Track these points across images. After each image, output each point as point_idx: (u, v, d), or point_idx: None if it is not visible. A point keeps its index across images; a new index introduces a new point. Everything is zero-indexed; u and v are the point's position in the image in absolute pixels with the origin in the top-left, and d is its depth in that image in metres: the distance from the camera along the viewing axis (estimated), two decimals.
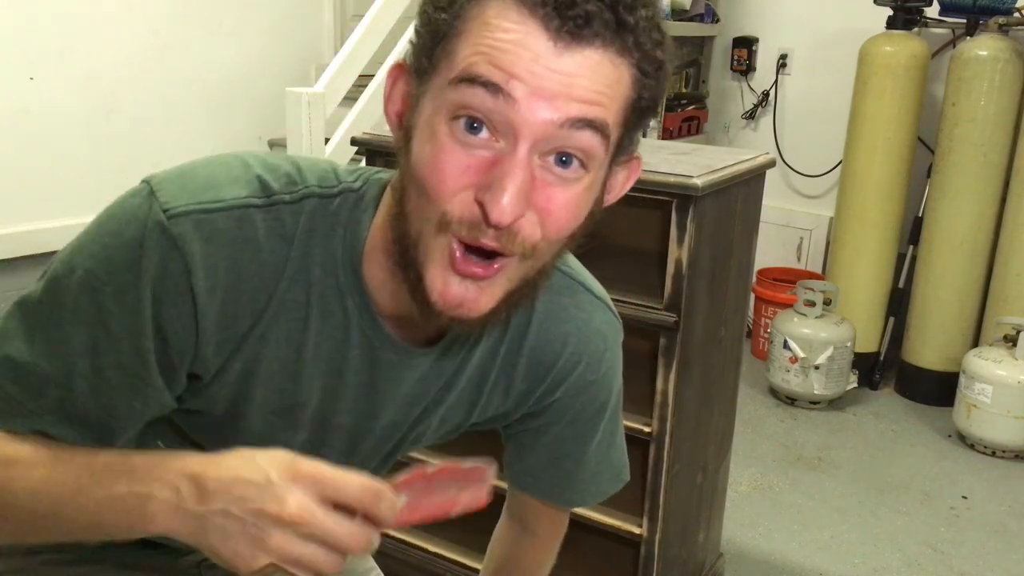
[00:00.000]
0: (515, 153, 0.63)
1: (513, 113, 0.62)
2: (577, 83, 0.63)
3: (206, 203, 0.69)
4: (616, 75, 0.65)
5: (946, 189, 3.01)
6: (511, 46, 0.62)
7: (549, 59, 0.62)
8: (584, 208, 0.69)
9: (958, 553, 2.30)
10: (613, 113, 0.65)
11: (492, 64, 0.62)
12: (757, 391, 3.22)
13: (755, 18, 3.64)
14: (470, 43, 0.63)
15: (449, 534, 1.96)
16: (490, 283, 0.68)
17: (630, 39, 0.64)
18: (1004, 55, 2.86)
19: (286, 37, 3.31)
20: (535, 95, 0.62)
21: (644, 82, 0.67)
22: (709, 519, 1.95)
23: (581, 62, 0.63)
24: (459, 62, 0.64)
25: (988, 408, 2.75)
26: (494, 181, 0.63)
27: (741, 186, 1.69)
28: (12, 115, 2.60)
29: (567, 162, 0.65)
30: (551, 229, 0.66)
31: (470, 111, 0.63)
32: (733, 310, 1.81)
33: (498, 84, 0.62)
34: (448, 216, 0.65)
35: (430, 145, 0.65)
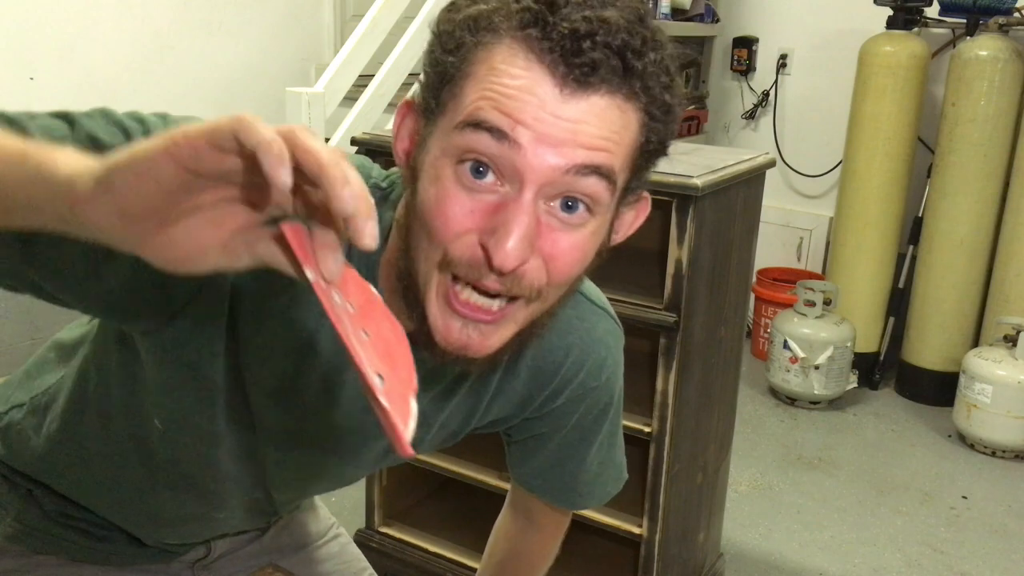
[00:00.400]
0: (520, 198, 0.63)
1: (519, 159, 0.62)
2: (583, 130, 0.62)
3: None
4: (623, 121, 0.64)
5: (946, 189, 3.01)
6: (517, 92, 0.61)
7: (555, 106, 0.61)
8: (590, 252, 0.68)
9: (958, 553, 2.30)
10: (620, 158, 0.65)
11: (498, 110, 0.62)
12: (757, 391, 3.22)
13: (755, 18, 3.64)
14: (477, 87, 0.63)
15: (449, 534, 1.96)
16: (495, 327, 0.67)
17: (637, 84, 0.63)
18: (1004, 55, 2.86)
19: (286, 37, 3.31)
20: (541, 142, 0.61)
21: (652, 126, 0.66)
22: (709, 519, 1.95)
23: (587, 109, 0.62)
24: (466, 106, 0.63)
25: (988, 408, 2.75)
26: (499, 226, 0.62)
27: (741, 186, 1.69)
28: None
29: (573, 207, 0.65)
30: (556, 274, 0.66)
31: (476, 156, 0.63)
32: (733, 310, 1.81)
33: (504, 130, 0.61)
34: (449, 256, 0.65)
35: (435, 188, 0.64)
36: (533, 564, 1.11)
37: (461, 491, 1.90)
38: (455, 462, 1.85)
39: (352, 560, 1.16)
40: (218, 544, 1.04)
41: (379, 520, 1.98)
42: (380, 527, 1.98)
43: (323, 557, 1.13)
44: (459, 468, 1.84)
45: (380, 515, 1.98)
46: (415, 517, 2.02)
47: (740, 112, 3.74)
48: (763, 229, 1.93)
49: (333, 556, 1.14)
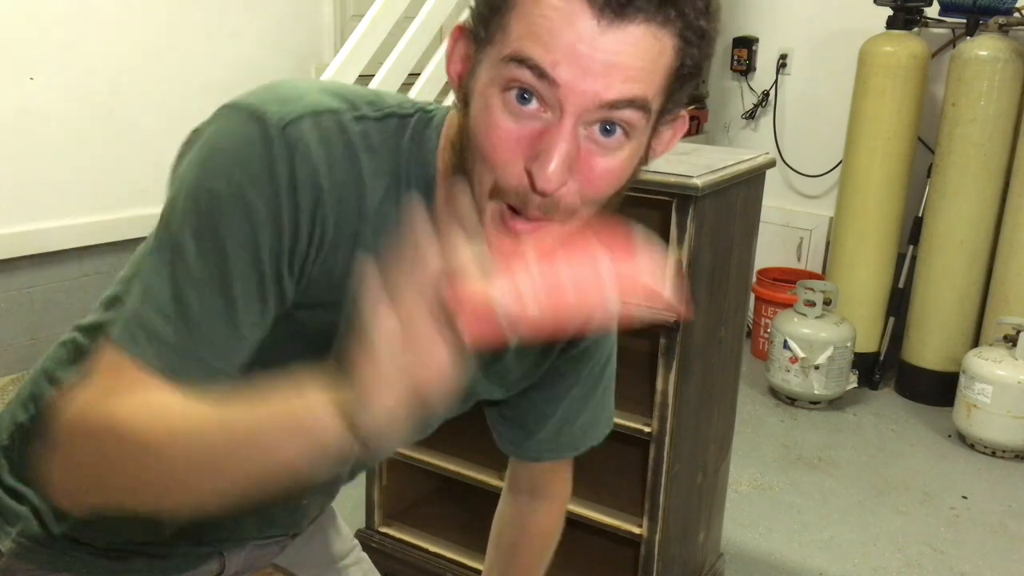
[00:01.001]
0: (561, 126, 0.67)
1: (559, 92, 0.66)
2: (620, 62, 0.65)
3: (312, 108, 0.74)
4: (658, 48, 0.67)
5: (946, 189, 3.01)
6: (557, 25, 0.65)
7: (593, 37, 0.65)
8: (625, 173, 0.73)
9: (958, 553, 2.30)
10: (655, 86, 0.68)
11: (540, 47, 0.65)
12: (757, 391, 3.22)
13: (755, 18, 3.64)
14: (521, 21, 0.67)
15: (449, 534, 1.96)
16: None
17: (672, 12, 0.66)
18: (1004, 55, 2.86)
19: (286, 37, 3.31)
20: (579, 77, 0.65)
21: (687, 51, 0.69)
22: (709, 519, 1.95)
23: (624, 38, 0.65)
24: (511, 40, 0.67)
25: (988, 408, 2.75)
26: (541, 152, 0.67)
27: (741, 186, 1.69)
28: (12, 115, 2.60)
29: (611, 131, 0.69)
30: (590, 193, 0.71)
31: (520, 85, 0.67)
32: (733, 310, 1.81)
33: (543, 68, 0.65)
34: (499, 184, 0.70)
35: (485, 115, 0.69)
36: (548, 535, 1.12)
37: (461, 491, 1.90)
38: (455, 462, 1.85)
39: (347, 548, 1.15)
40: (232, 560, 1.01)
41: (379, 520, 1.98)
42: (380, 527, 1.98)
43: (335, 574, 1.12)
44: (459, 468, 1.84)
45: (380, 515, 1.98)
46: (415, 517, 2.02)
47: (740, 112, 3.74)
48: (763, 229, 1.93)
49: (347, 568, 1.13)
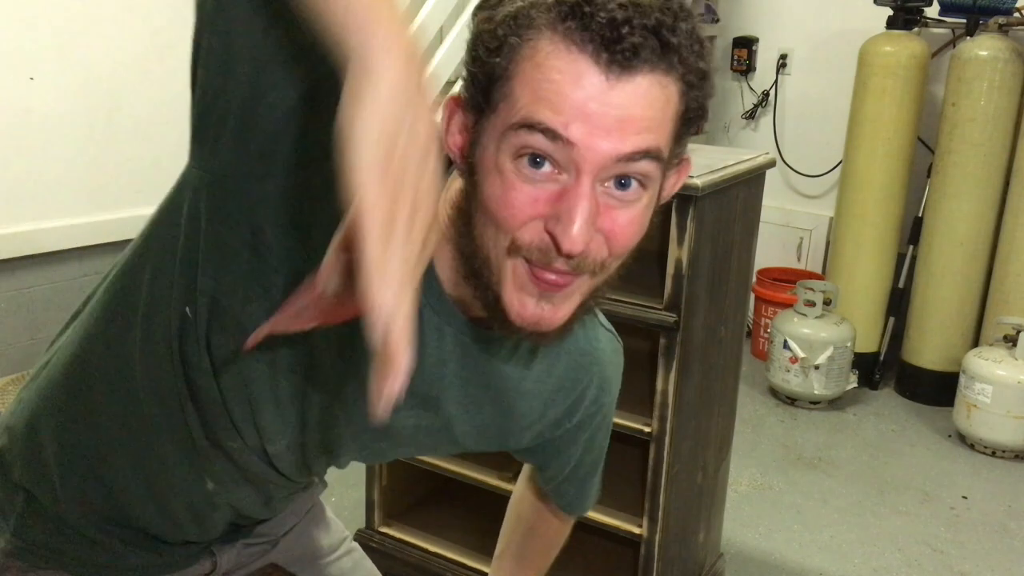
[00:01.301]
0: (579, 186, 0.66)
1: (573, 153, 0.65)
2: (631, 115, 0.65)
3: None
4: (665, 96, 0.67)
5: (946, 189, 3.01)
6: (564, 87, 0.64)
7: (603, 93, 0.64)
8: (646, 222, 0.73)
9: (958, 553, 2.30)
10: (665, 134, 0.69)
11: (549, 110, 0.65)
12: (757, 391, 3.21)
13: (755, 18, 3.64)
14: (526, 87, 0.66)
15: (449, 534, 1.96)
16: (564, 297, 0.71)
17: (675, 58, 0.66)
18: (1004, 55, 2.86)
19: None
20: (592, 136, 0.65)
21: (691, 94, 0.69)
22: (709, 519, 1.95)
23: (633, 91, 0.65)
24: (518, 108, 0.66)
25: (988, 408, 2.75)
26: (563, 213, 0.66)
27: (741, 186, 1.69)
28: (12, 115, 2.60)
29: (626, 184, 0.68)
30: (617, 247, 0.70)
31: (533, 151, 0.66)
32: (733, 310, 1.81)
33: (556, 130, 0.64)
34: (518, 242, 0.68)
35: (499, 181, 0.68)
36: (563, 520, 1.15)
37: (461, 491, 1.90)
38: (455, 462, 1.85)
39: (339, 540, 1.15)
40: (224, 559, 1.02)
41: (379, 520, 1.98)
42: (380, 527, 1.98)
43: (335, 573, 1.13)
44: (459, 468, 1.84)
45: (380, 515, 1.98)
46: (415, 517, 2.02)
47: (740, 112, 3.74)
48: (763, 229, 1.93)
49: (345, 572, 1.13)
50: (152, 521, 0.92)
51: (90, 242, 2.79)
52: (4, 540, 0.93)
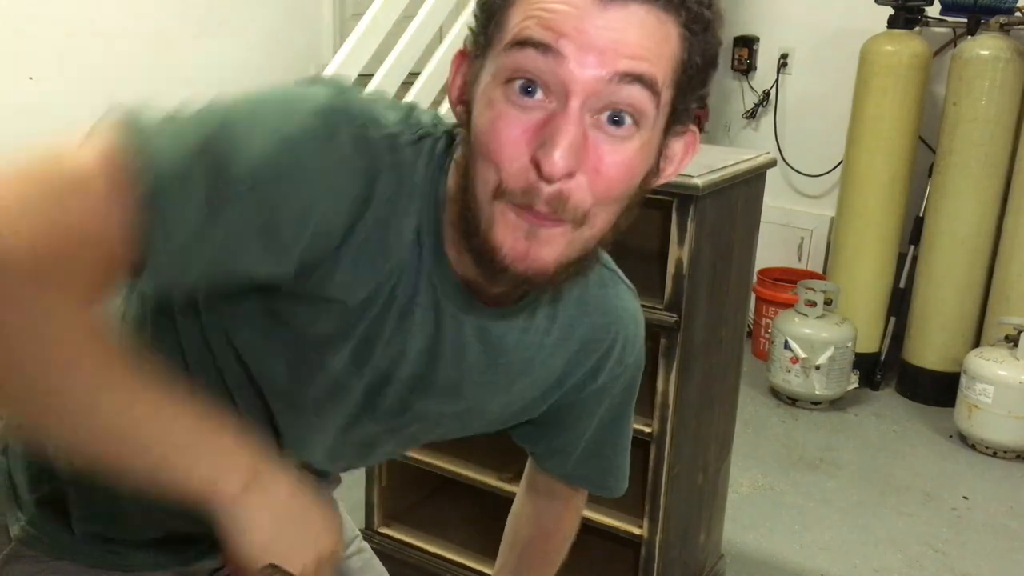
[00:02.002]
0: (567, 110, 0.65)
1: (563, 71, 0.64)
2: (625, 38, 0.64)
3: (400, 130, 0.72)
4: (663, 32, 0.66)
5: (947, 189, 3.01)
6: (558, 5, 0.64)
7: (595, 15, 0.64)
8: (637, 170, 0.70)
9: (959, 554, 2.30)
10: (662, 70, 0.67)
11: (541, 26, 0.64)
12: (758, 391, 3.21)
13: (756, 17, 3.64)
14: (520, 11, 0.66)
15: (449, 534, 1.96)
16: (549, 236, 0.69)
17: None
18: (1005, 54, 2.86)
19: (286, 37, 3.31)
20: (584, 51, 0.64)
21: (692, 41, 0.68)
22: (710, 520, 1.95)
23: (627, 17, 0.64)
24: (511, 29, 0.66)
25: (989, 408, 2.74)
26: (547, 138, 0.65)
27: (742, 186, 1.69)
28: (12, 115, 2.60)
29: (619, 121, 0.67)
30: (601, 189, 0.68)
31: (523, 73, 0.65)
32: (734, 310, 1.80)
33: (548, 44, 0.64)
34: (505, 181, 0.67)
35: (488, 111, 0.67)
36: (563, 535, 1.12)
37: (461, 491, 1.90)
38: (455, 462, 1.85)
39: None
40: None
41: (379, 520, 1.98)
42: (380, 527, 1.97)
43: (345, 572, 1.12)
44: (459, 468, 1.84)
45: (380, 515, 1.98)
46: (415, 517, 2.01)
47: (741, 111, 3.73)
48: (764, 229, 1.92)
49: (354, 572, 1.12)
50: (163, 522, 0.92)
51: None
52: (19, 529, 0.94)
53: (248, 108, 0.68)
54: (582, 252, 0.72)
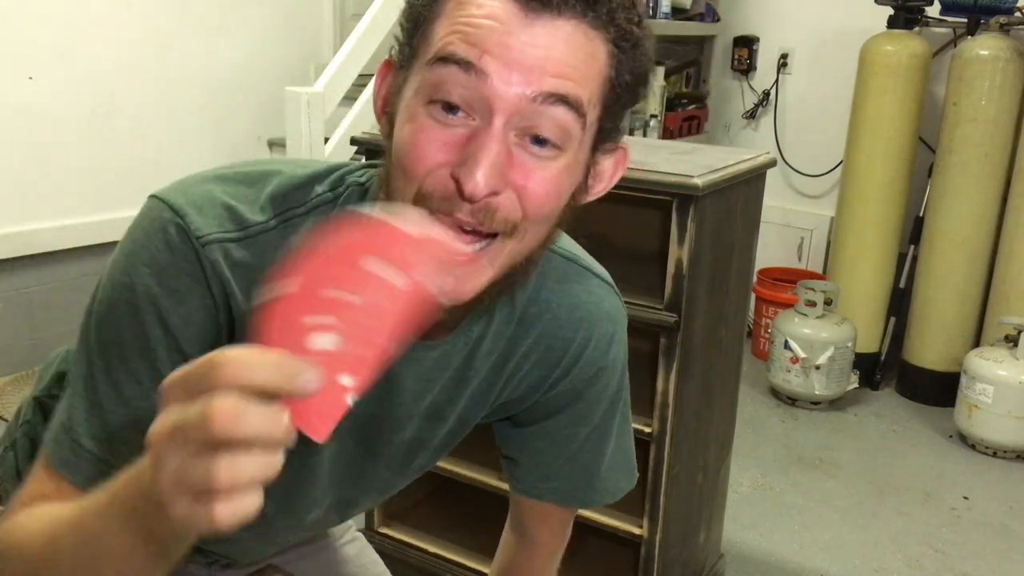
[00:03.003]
0: (490, 128, 0.63)
1: (486, 88, 0.62)
2: (550, 55, 0.63)
3: (230, 233, 0.72)
4: (590, 49, 0.65)
5: (947, 189, 3.01)
6: (483, 20, 0.63)
7: (520, 31, 0.62)
8: (564, 188, 0.68)
9: (959, 554, 2.30)
10: (588, 90, 0.65)
11: (465, 42, 0.63)
12: (758, 391, 3.21)
13: (756, 17, 3.64)
14: (445, 24, 0.65)
15: (449, 535, 1.96)
16: (472, 271, 0.67)
17: (603, 11, 0.64)
18: (1005, 54, 2.86)
19: (286, 37, 3.31)
20: (508, 68, 0.62)
21: (621, 59, 0.67)
22: (710, 520, 1.95)
23: (553, 33, 0.63)
24: (435, 43, 0.65)
25: (989, 408, 2.74)
26: (468, 156, 0.63)
27: (742, 186, 1.69)
28: (12, 115, 2.60)
29: (542, 142, 0.65)
30: (530, 206, 0.66)
31: (446, 93, 0.64)
32: (734, 310, 1.80)
33: (470, 61, 0.62)
34: (423, 190, 0.65)
35: (409, 124, 0.66)
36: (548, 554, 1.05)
37: (461, 491, 1.90)
38: (455, 462, 1.85)
39: (370, 563, 1.15)
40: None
41: (379, 520, 1.98)
42: (380, 527, 1.97)
43: (342, 559, 1.13)
44: (459, 468, 1.84)
45: (380, 515, 1.98)
46: (415, 517, 2.01)
47: (741, 112, 3.73)
48: (764, 229, 1.92)
49: (351, 559, 1.13)
50: None
51: (90, 242, 2.79)
52: None
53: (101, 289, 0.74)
54: (509, 269, 0.70)
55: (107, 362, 0.72)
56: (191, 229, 0.70)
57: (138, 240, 0.73)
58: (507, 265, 0.69)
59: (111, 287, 0.73)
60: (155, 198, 0.73)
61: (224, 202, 0.73)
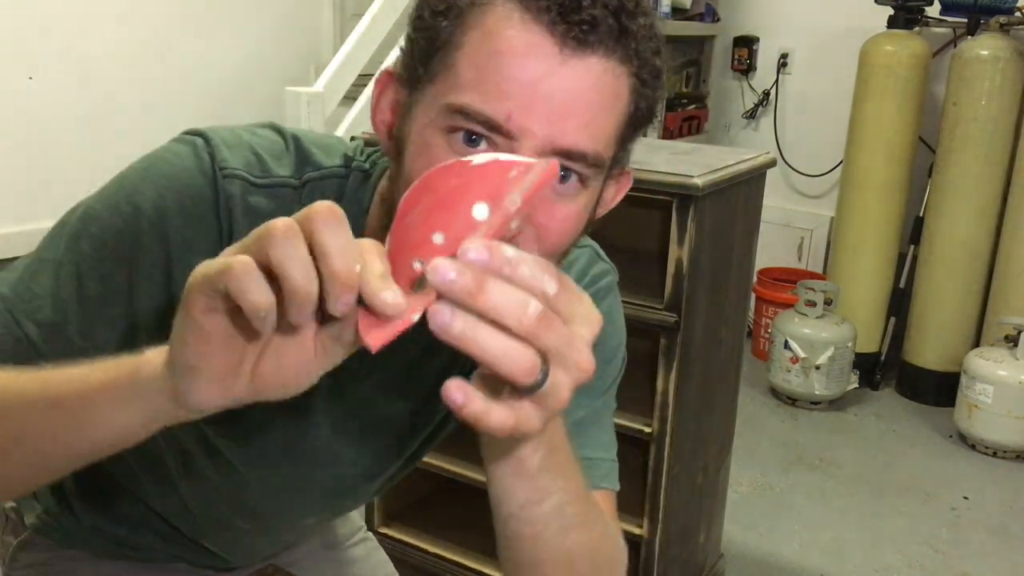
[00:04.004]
0: None
1: (513, 143, 0.61)
2: (579, 100, 0.61)
3: (254, 176, 0.72)
4: (615, 89, 0.63)
5: (947, 189, 3.01)
6: (514, 63, 0.60)
7: (553, 70, 0.60)
8: (582, 223, 0.67)
9: (959, 553, 2.30)
10: (609, 135, 0.64)
11: (492, 90, 0.60)
12: (758, 391, 3.21)
13: (756, 17, 3.64)
14: (470, 61, 0.61)
15: (449, 535, 1.96)
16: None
17: (632, 46, 0.62)
18: (1005, 54, 2.86)
19: (286, 37, 3.31)
20: (535, 122, 0.60)
21: (642, 92, 0.65)
22: (710, 520, 1.95)
23: (584, 73, 0.61)
24: (459, 86, 0.61)
25: (989, 408, 2.74)
26: None
27: (742, 186, 1.69)
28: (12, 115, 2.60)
29: (566, 178, 0.64)
30: (549, 245, 0.65)
31: (467, 130, 0.61)
32: (734, 310, 1.80)
33: (497, 122, 0.60)
34: None
35: (424, 157, 0.62)
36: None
37: (461, 491, 1.89)
38: (455, 462, 1.85)
39: (379, 564, 1.15)
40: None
41: (379, 520, 1.98)
42: (380, 527, 1.97)
43: (350, 559, 1.12)
44: (459, 468, 1.84)
45: (380, 515, 1.98)
46: (415, 517, 2.01)
47: (741, 112, 3.73)
48: (764, 229, 1.92)
49: (359, 560, 1.13)
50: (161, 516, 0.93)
51: None
52: (35, 517, 0.96)
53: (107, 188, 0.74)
54: None
55: (80, 254, 0.71)
56: (217, 157, 0.71)
57: (162, 155, 0.73)
58: None
59: (117, 188, 0.72)
60: (185, 132, 0.75)
61: (253, 148, 0.74)
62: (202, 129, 0.74)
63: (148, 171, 0.72)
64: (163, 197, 0.70)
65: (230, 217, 0.70)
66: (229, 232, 0.70)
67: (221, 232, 0.70)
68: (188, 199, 0.70)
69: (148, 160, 0.73)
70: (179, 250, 0.70)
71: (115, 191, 0.72)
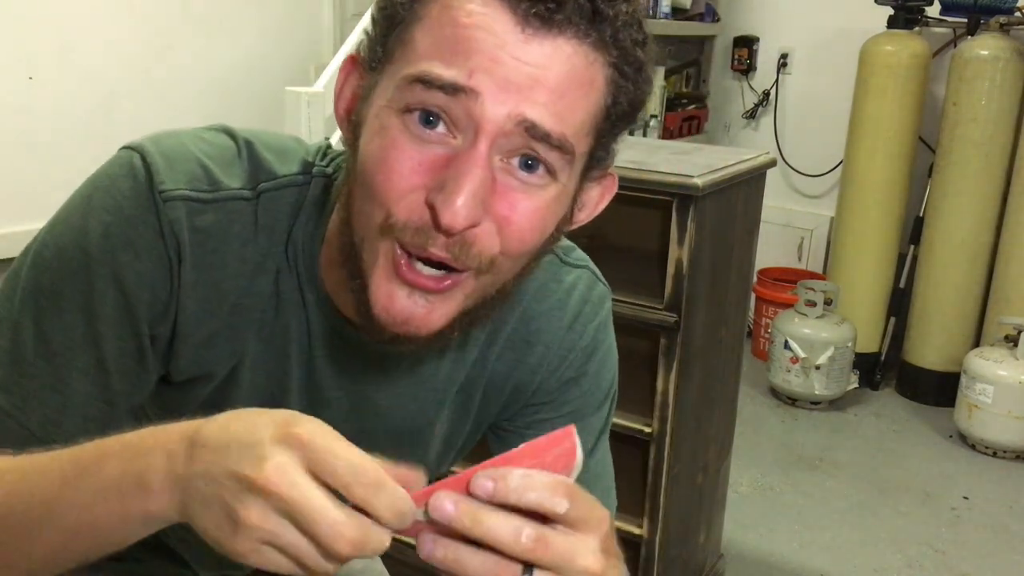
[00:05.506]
0: (474, 150, 0.57)
1: (474, 107, 0.56)
2: (546, 76, 0.56)
3: (201, 192, 0.66)
4: (589, 75, 0.58)
5: (947, 189, 3.01)
6: (474, 32, 0.56)
7: (515, 46, 0.56)
8: (550, 221, 0.62)
9: (959, 554, 2.30)
10: (578, 123, 0.59)
11: (453, 54, 0.56)
12: (758, 391, 3.21)
13: (756, 17, 3.64)
14: (429, 32, 0.58)
15: None
16: (442, 298, 0.61)
17: (607, 31, 0.58)
18: (1005, 54, 2.86)
19: (286, 37, 3.31)
20: (499, 88, 0.56)
21: (621, 85, 0.60)
22: (709, 520, 1.95)
23: (552, 53, 0.56)
24: (417, 55, 0.58)
25: (989, 408, 2.74)
26: (448, 180, 0.56)
27: (742, 186, 1.69)
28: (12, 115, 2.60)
29: (533, 166, 0.59)
30: (512, 241, 0.60)
31: (426, 106, 0.57)
32: (734, 310, 1.80)
33: (458, 83, 0.56)
34: (393, 219, 0.59)
35: (379, 139, 0.59)
36: None
37: None
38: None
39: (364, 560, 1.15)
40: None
41: None
42: None
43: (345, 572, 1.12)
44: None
45: None
46: None
47: (741, 112, 3.73)
48: (764, 229, 1.92)
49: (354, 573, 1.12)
50: None
51: None
52: None
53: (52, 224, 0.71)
54: (479, 302, 0.64)
55: (38, 310, 0.66)
56: (155, 180, 0.65)
57: (101, 184, 0.67)
58: (478, 298, 0.64)
59: (62, 230, 0.67)
60: (125, 147, 0.68)
61: (199, 159, 0.67)
62: (142, 143, 0.67)
63: (90, 204, 0.66)
64: (108, 235, 0.65)
65: (177, 243, 0.65)
66: (178, 259, 0.66)
67: (170, 260, 0.65)
68: (132, 231, 0.65)
69: (89, 188, 0.68)
70: (134, 287, 0.65)
71: (62, 231, 0.67)
